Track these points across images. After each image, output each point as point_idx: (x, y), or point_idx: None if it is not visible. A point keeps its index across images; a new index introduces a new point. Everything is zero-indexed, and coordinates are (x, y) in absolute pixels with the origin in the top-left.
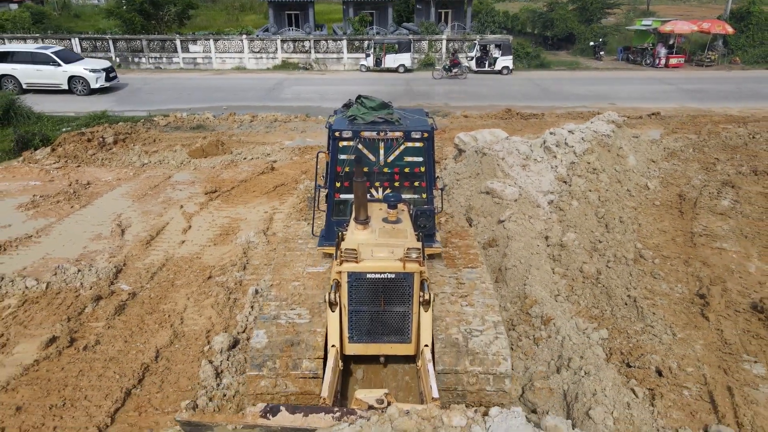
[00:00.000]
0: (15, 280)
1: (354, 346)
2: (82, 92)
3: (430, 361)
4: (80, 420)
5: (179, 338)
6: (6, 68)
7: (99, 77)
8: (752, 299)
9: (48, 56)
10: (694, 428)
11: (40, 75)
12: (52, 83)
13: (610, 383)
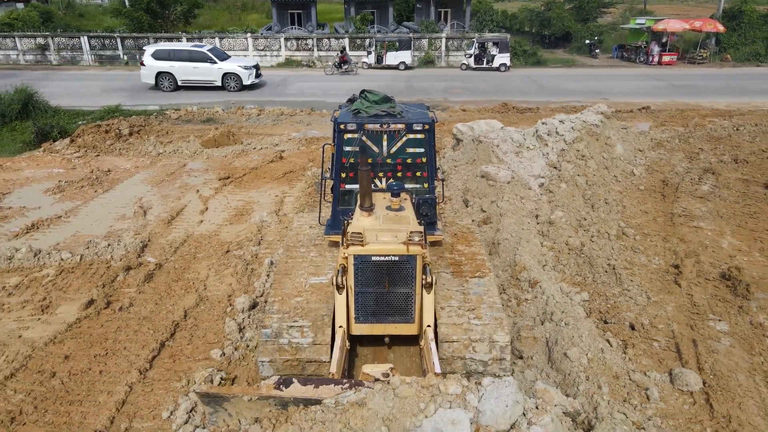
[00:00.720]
0: (51, 253)
1: (360, 326)
2: (234, 88)
3: (433, 340)
4: (122, 365)
5: (204, 301)
6: (164, 66)
7: (250, 74)
8: (722, 270)
9: (205, 54)
10: (661, 372)
11: (197, 72)
12: (207, 80)
13: (587, 332)
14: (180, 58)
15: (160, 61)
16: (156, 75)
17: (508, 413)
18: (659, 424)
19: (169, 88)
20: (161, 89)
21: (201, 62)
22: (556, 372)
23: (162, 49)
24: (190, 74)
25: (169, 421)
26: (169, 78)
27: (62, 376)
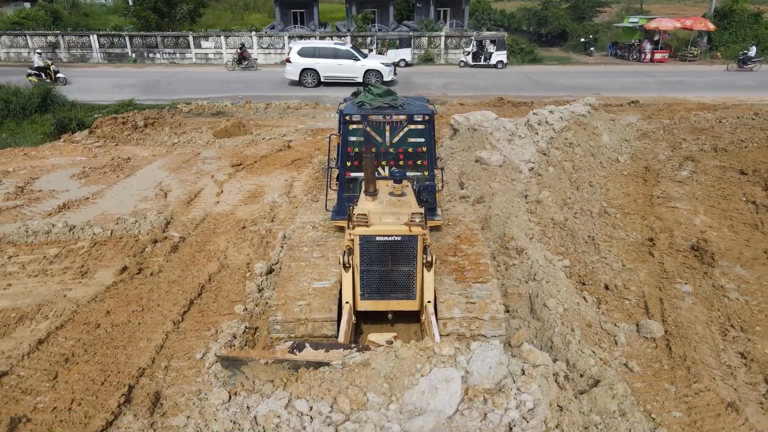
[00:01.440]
0: (84, 228)
1: (365, 302)
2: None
3: (433, 314)
4: (157, 318)
5: (225, 268)
6: (309, 63)
7: (390, 71)
8: (692, 243)
9: (350, 52)
10: (629, 323)
11: (340, 69)
12: (350, 76)
13: (564, 288)
14: (325, 56)
15: (306, 58)
16: (300, 71)
17: (492, 373)
18: (623, 362)
19: (312, 84)
20: (304, 85)
21: (345, 59)
22: (536, 320)
23: (308, 46)
24: (333, 71)
25: (202, 361)
26: (312, 74)
27: (106, 327)
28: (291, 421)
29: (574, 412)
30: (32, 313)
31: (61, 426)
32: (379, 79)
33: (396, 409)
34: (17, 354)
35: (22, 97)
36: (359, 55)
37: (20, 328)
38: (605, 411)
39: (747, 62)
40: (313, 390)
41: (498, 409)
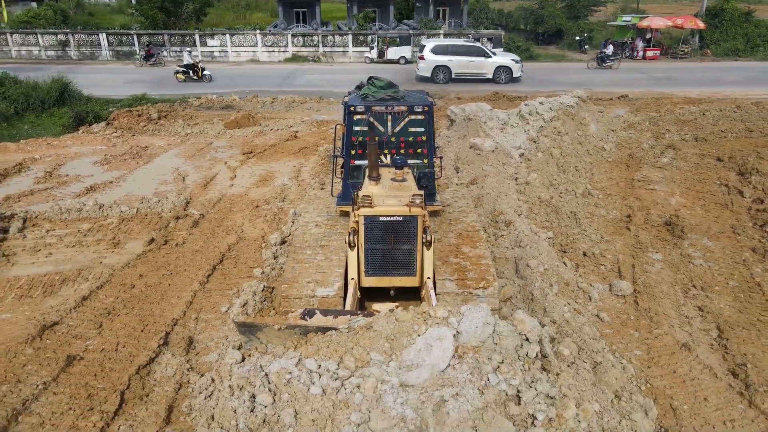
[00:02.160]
0: (112, 206)
1: (369, 279)
2: (504, 81)
3: (432, 289)
4: (185, 281)
5: (243, 240)
6: (442, 60)
7: (519, 67)
8: (666, 219)
9: (482, 49)
10: (603, 284)
11: (471, 66)
12: (480, 73)
13: (546, 252)
14: (457, 53)
15: (439, 56)
16: (433, 68)
17: (478, 332)
18: (595, 313)
19: (443, 81)
20: (435, 81)
21: (477, 56)
22: (520, 279)
23: (441, 44)
24: (465, 68)
25: (227, 314)
26: (444, 71)
27: (140, 287)
28: (301, 377)
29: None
30: (73, 276)
31: (110, 362)
32: (508, 75)
33: (395, 365)
34: (65, 308)
35: (41, 91)
36: (490, 52)
37: (64, 288)
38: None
39: (606, 60)
40: (321, 351)
41: (485, 364)
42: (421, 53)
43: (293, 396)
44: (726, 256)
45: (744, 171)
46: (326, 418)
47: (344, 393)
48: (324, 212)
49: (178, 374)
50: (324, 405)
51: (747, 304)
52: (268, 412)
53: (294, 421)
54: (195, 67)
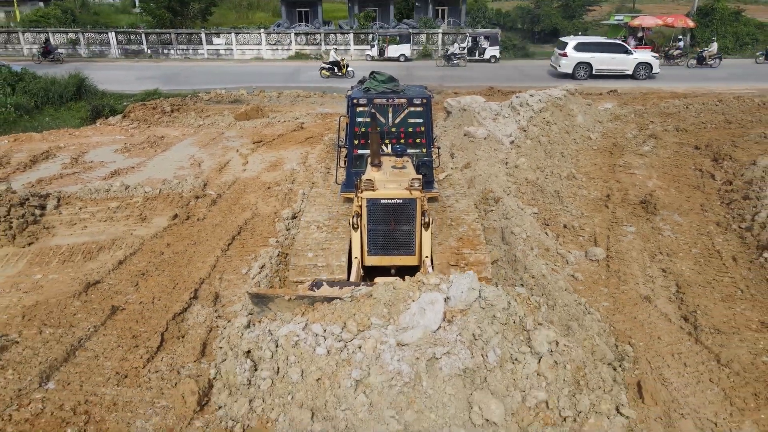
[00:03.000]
0: (137, 187)
1: (372, 258)
2: (643, 77)
3: (430, 266)
4: (208, 248)
5: (257, 216)
6: (585, 57)
7: (658, 64)
8: (642, 198)
9: (623, 46)
10: (580, 251)
11: (613, 62)
12: (621, 69)
13: (529, 222)
14: (599, 50)
15: (581, 53)
16: (575, 65)
17: (464, 297)
18: (571, 273)
19: (584, 77)
20: (576, 78)
21: (618, 53)
22: (505, 244)
23: (584, 41)
24: (606, 64)
25: (247, 275)
26: (585, 67)
27: (168, 254)
28: (308, 340)
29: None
30: (108, 244)
31: (149, 312)
32: (648, 72)
33: (393, 328)
34: (104, 270)
35: (59, 86)
36: (631, 50)
37: (102, 254)
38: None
39: (452, 58)
40: (326, 317)
41: (472, 324)
42: (563, 50)
43: (300, 356)
44: (692, 229)
45: (718, 157)
46: (330, 375)
47: (347, 353)
48: (325, 212)
49: (208, 321)
50: (328, 363)
51: (705, 267)
52: (276, 371)
53: (300, 378)
54: (339, 64)
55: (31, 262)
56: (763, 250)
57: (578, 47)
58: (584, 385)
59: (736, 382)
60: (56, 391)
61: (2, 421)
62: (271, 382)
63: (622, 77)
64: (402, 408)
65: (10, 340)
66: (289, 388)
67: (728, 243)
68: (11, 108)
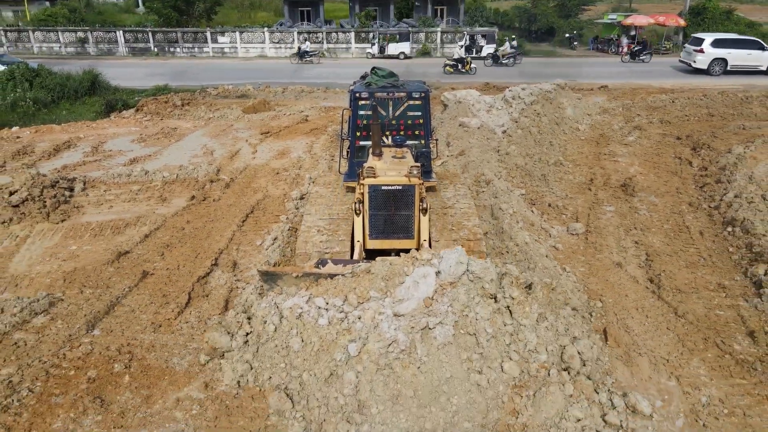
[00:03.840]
0: (155, 172)
1: (373, 241)
2: None
3: (428, 250)
4: (225, 224)
5: (268, 197)
6: (721, 53)
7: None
8: (622, 182)
9: (759, 42)
10: (562, 226)
11: (749, 58)
12: (755, 65)
13: (516, 201)
14: (735, 46)
15: (718, 49)
16: (711, 61)
17: (452, 270)
18: (553, 245)
19: (719, 73)
20: (711, 74)
21: (754, 49)
22: (494, 219)
23: (720, 38)
24: (742, 60)
25: (261, 246)
26: (720, 63)
27: (189, 229)
28: (311, 311)
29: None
30: (134, 221)
31: (176, 276)
32: None
33: (390, 300)
34: (132, 242)
35: (74, 81)
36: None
37: (128, 230)
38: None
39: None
40: (329, 291)
41: (461, 295)
42: (699, 47)
43: (303, 326)
44: (666, 209)
45: (697, 146)
46: (330, 342)
47: (347, 323)
48: (326, 215)
49: (229, 283)
50: (329, 332)
51: (674, 240)
52: (281, 339)
53: (302, 346)
54: (464, 62)
55: (65, 236)
56: (727, 225)
57: (715, 43)
58: (563, 331)
59: (689, 329)
60: (101, 337)
61: (58, 359)
62: (275, 348)
63: (757, 73)
64: (398, 372)
65: (56, 298)
66: (291, 355)
67: (697, 220)
68: (30, 102)
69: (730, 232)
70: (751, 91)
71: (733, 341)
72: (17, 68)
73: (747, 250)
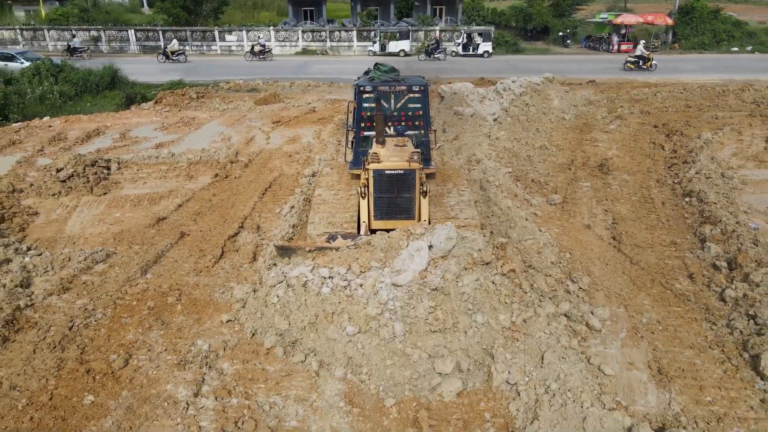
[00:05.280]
0: (180, 155)
1: (377, 222)
2: None
3: (421, 225)
4: (246, 196)
5: (283, 175)
6: None
7: None
8: (600, 163)
9: None
10: (542, 198)
11: None
12: None
13: (502, 176)
14: None
15: None
16: None
17: (443, 245)
18: (533, 212)
19: None
20: None
21: None
22: (482, 190)
23: None
24: None
25: (280, 214)
26: None
27: (215, 201)
28: (315, 280)
29: None
30: (166, 194)
31: (209, 236)
32: None
33: (388, 270)
34: (168, 210)
35: (95, 76)
36: None
37: (162, 201)
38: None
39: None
40: (333, 261)
41: (453, 266)
42: None
43: (308, 293)
44: (636, 184)
45: (671, 133)
46: (336, 305)
47: (350, 290)
48: (327, 226)
49: (254, 242)
50: (331, 300)
51: (639, 209)
52: (289, 304)
53: (307, 310)
54: (645, 59)
55: (109, 206)
56: (685, 196)
57: None
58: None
59: (640, 273)
60: (153, 279)
61: (121, 294)
62: (282, 312)
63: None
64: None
65: (110, 252)
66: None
67: (661, 193)
68: (57, 95)
69: (688, 202)
70: (729, 85)
71: (675, 281)
72: (42, 64)
73: (699, 215)
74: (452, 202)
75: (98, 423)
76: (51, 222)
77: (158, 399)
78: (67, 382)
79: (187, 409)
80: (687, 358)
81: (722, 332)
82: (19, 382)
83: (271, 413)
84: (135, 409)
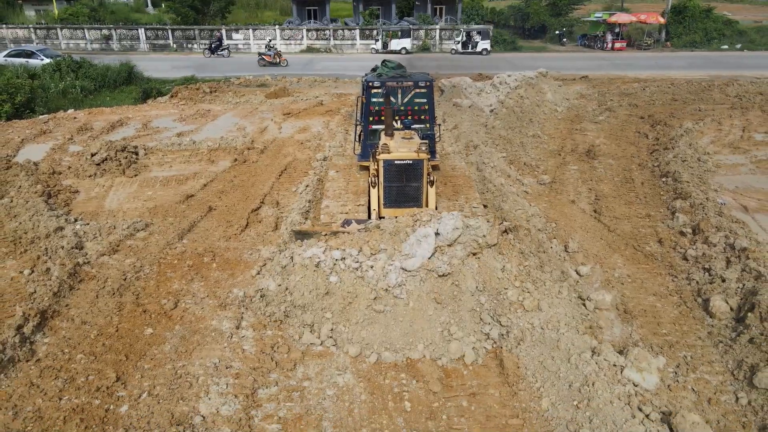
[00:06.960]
0: (201, 142)
1: (387, 210)
2: None
3: (428, 211)
4: (265, 178)
5: (296, 160)
6: None
7: None
8: (587, 149)
9: None
10: (534, 179)
11: None
12: None
13: (496, 159)
14: None
15: None
16: None
17: (449, 234)
18: (524, 190)
19: None
20: None
21: None
22: (479, 171)
23: None
24: None
25: (296, 192)
26: None
27: (236, 181)
28: (327, 261)
29: None
30: (191, 176)
31: (233, 210)
32: None
33: (398, 254)
34: (195, 189)
35: (113, 72)
36: None
37: (189, 182)
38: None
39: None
40: (345, 244)
41: (458, 252)
42: None
43: (319, 273)
44: (619, 167)
45: (656, 124)
46: (349, 284)
47: (361, 271)
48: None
49: (275, 214)
50: (344, 279)
51: (620, 188)
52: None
53: (323, 288)
54: None
55: (141, 186)
56: (662, 177)
57: None
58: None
59: (616, 239)
60: (189, 243)
61: (163, 254)
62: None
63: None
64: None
65: (148, 223)
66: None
67: (642, 175)
68: (78, 89)
69: (664, 182)
70: (715, 80)
71: (646, 245)
72: (63, 60)
73: (674, 192)
74: None
75: (159, 348)
76: (91, 198)
77: (206, 330)
78: (128, 319)
79: (231, 337)
80: (649, 302)
81: (682, 284)
82: (88, 319)
83: (300, 342)
84: (188, 338)
